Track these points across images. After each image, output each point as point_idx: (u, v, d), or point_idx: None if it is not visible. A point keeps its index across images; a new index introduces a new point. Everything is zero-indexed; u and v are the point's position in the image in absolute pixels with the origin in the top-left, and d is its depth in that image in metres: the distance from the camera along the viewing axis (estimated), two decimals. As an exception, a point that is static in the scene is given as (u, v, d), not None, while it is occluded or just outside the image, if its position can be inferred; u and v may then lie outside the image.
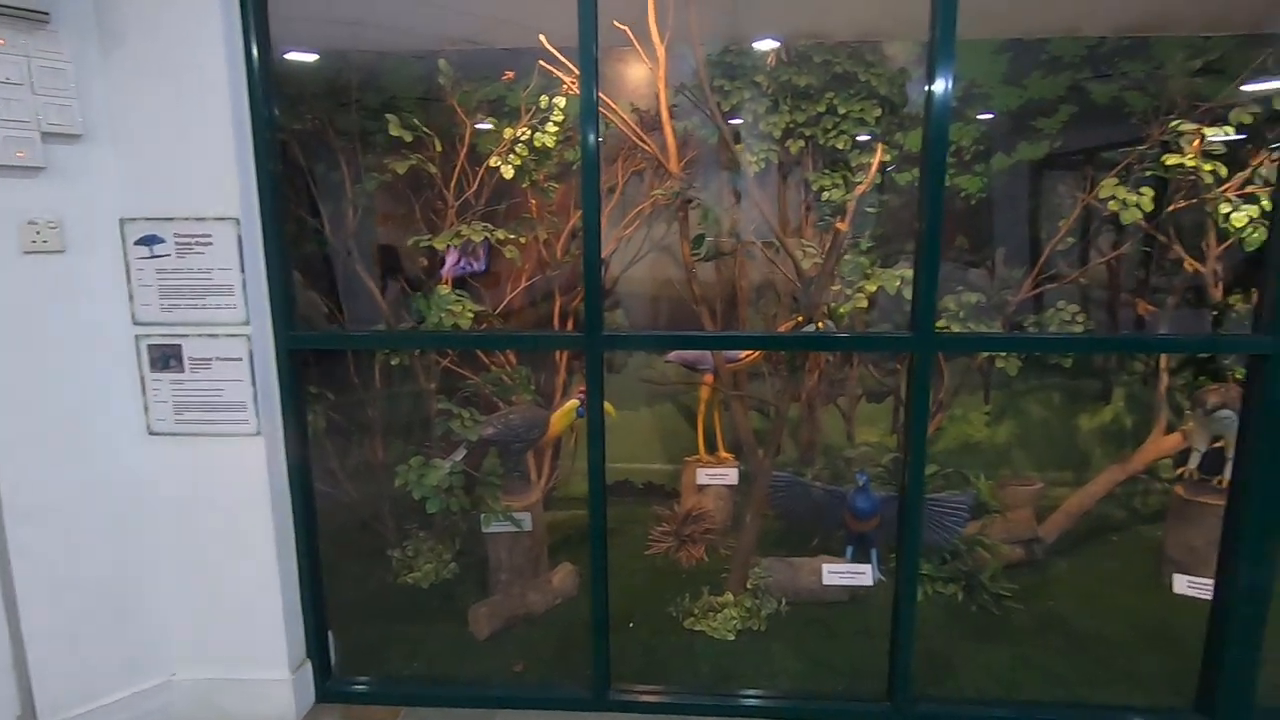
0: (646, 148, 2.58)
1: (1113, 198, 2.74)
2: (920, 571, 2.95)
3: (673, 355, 3.74)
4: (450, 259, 3.35)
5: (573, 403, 2.90)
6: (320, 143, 2.93)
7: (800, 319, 2.94)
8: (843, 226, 2.46)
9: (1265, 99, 2.79)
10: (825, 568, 2.87)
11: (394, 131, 2.51)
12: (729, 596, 2.69)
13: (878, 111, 3.43)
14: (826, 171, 3.58)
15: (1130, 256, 3.61)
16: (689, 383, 3.77)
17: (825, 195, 3.50)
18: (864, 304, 2.82)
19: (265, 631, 2.15)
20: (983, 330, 3.15)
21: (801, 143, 3.48)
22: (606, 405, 3.03)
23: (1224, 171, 2.59)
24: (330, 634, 2.36)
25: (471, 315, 2.54)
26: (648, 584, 3.02)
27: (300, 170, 2.92)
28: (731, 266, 3.70)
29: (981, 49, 3.58)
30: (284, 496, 2.14)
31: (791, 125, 3.48)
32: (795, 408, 3.94)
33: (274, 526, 2.09)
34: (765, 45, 3.43)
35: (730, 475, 3.33)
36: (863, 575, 2.81)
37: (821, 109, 3.46)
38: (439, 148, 2.67)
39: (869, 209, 3.59)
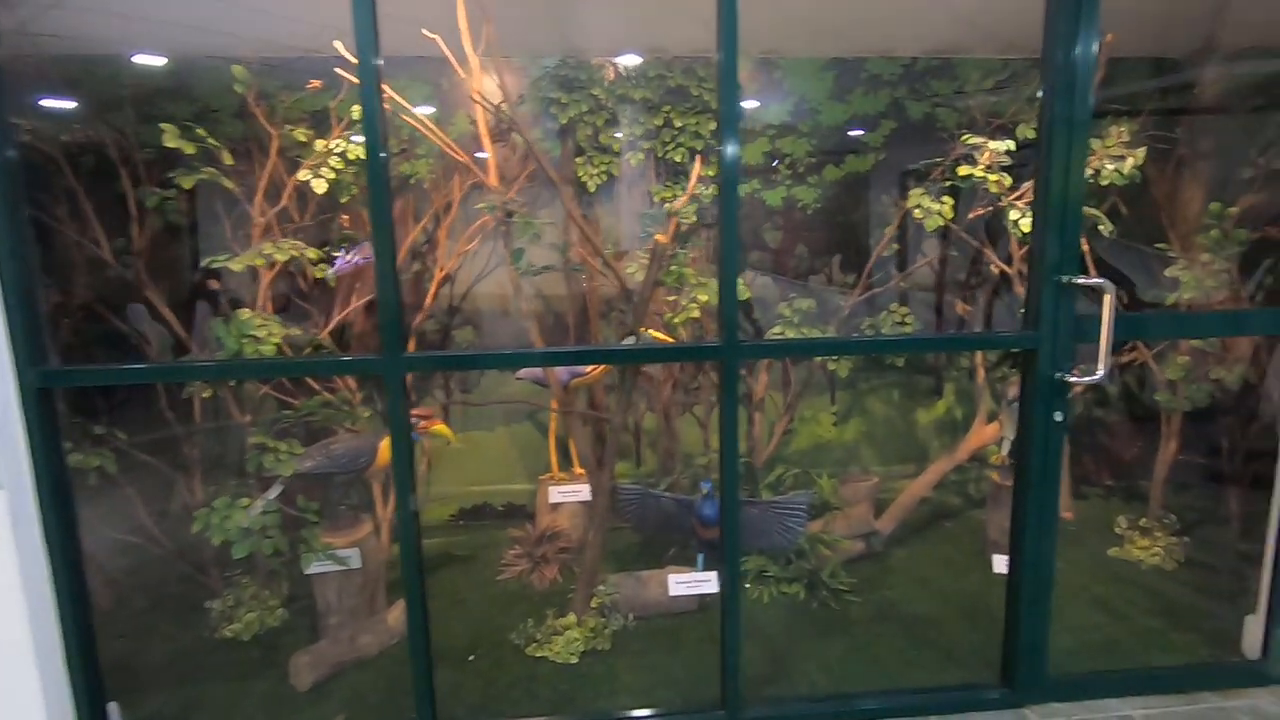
0: (461, 159, 2.50)
1: (919, 206, 2.92)
2: (766, 574, 3.02)
3: (523, 372, 3.65)
4: (342, 258, 3.15)
5: (404, 427, 2.75)
6: (100, 155, 2.65)
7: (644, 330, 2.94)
8: (663, 239, 2.48)
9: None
10: (670, 579, 2.87)
11: (170, 143, 2.29)
12: (572, 619, 2.63)
13: (712, 125, 3.51)
14: (668, 184, 3.64)
15: (952, 261, 3.88)
16: (521, 402, 3.68)
17: (667, 207, 3.54)
18: (696, 314, 2.85)
19: (21, 711, 1.88)
20: (815, 335, 3.28)
21: (641, 155, 3.51)
22: (441, 428, 2.92)
23: (1008, 181, 2.81)
24: (113, 706, 2.09)
25: (276, 341, 2.35)
26: (498, 611, 2.91)
27: (68, 187, 2.63)
28: (581, 281, 3.68)
29: (809, 67, 3.75)
30: (37, 556, 1.88)
31: (631, 138, 3.50)
32: (652, 418, 3.95)
33: (23, 592, 1.83)
34: (616, 59, 3.44)
35: (583, 492, 3.28)
36: (707, 583, 2.83)
37: (659, 123, 3.50)
38: (229, 160, 2.47)
39: (706, 224, 3.67)
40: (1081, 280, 2.01)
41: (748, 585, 3.04)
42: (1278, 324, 2.23)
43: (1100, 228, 2.93)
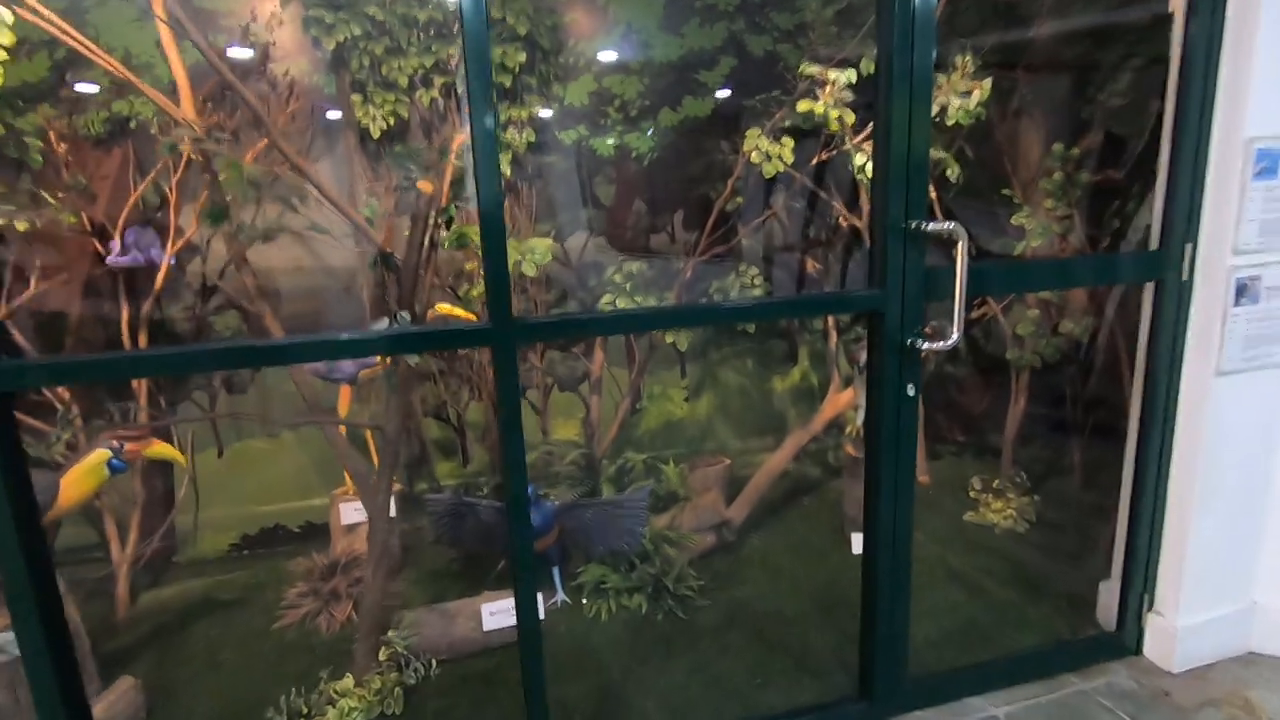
0: (144, 91, 1.77)
1: (755, 149, 2.52)
2: (604, 585, 2.58)
3: (307, 366, 2.97)
4: (118, 248, 2.53)
5: (100, 454, 2.03)
6: None
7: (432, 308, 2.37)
8: (426, 187, 1.90)
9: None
10: (484, 609, 2.37)
11: None
12: (349, 681, 2.06)
13: (522, 57, 2.94)
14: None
15: (798, 213, 3.57)
16: (303, 421, 3.02)
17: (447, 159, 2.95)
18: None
19: None
20: (651, 304, 2.84)
21: (434, 93, 2.88)
22: (162, 449, 2.22)
23: (851, 119, 2.46)
24: None
25: None
26: (266, 674, 2.29)
27: None
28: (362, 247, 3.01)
29: (636, -7, 3.25)
30: None
31: (422, 70, 2.86)
32: (478, 409, 3.40)
33: None
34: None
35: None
36: (532, 607, 2.36)
37: (454, 52, 2.88)
38: None
39: (528, 177, 3.12)
40: (931, 226, 1.67)
41: (584, 601, 2.60)
42: (1136, 270, 2.03)
43: (949, 172, 2.67)
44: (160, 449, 2.16)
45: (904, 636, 1.95)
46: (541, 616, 2.33)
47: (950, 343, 1.70)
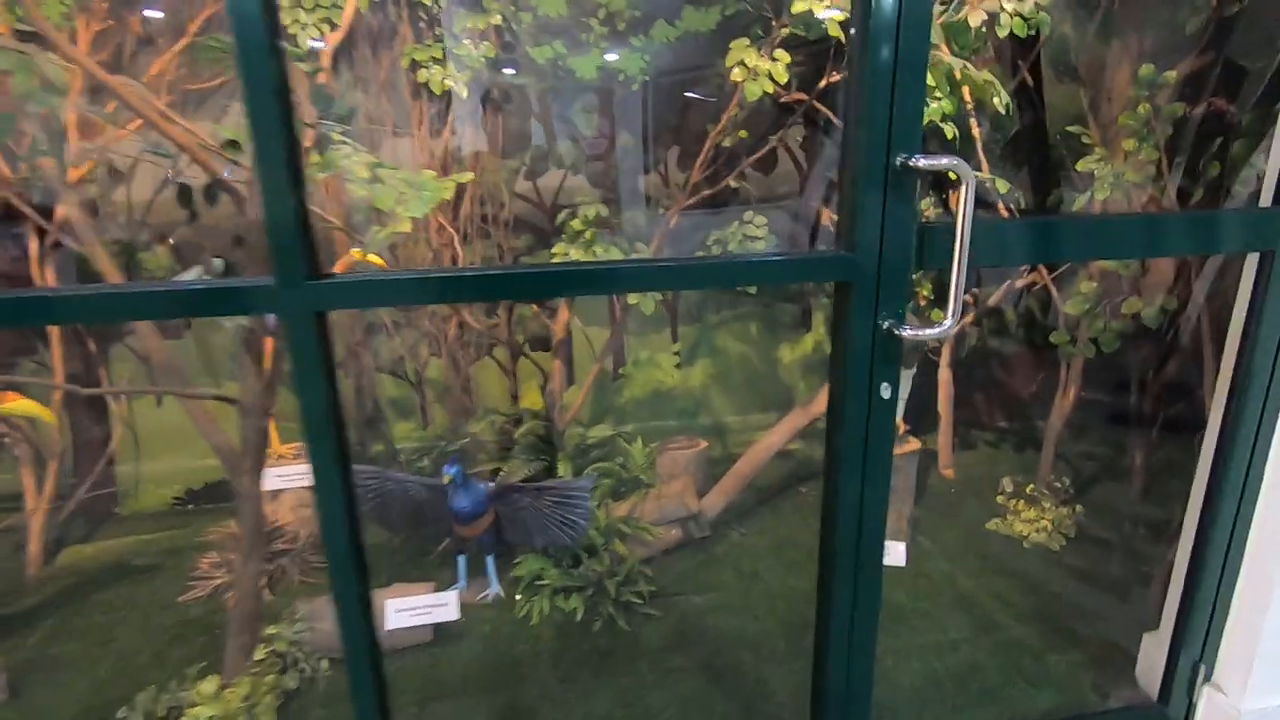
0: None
1: (741, 63, 2.00)
2: (541, 581, 2.24)
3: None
4: None
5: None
6: None
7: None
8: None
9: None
10: (389, 606, 2.06)
11: None
12: (212, 683, 1.79)
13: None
14: (430, 41, 2.58)
15: (820, 148, 3.01)
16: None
17: (422, 76, 2.52)
18: (406, 227, 1.91)
19: None
20: (616, 257, 2.40)
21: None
22: (23, 404, 1.95)
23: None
24: None
25: None
26: (155, 657, 2.06)
27: None
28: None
29: None
30: None
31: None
32: (437, 366, 3.06)
33: None
34: None
35: (305, 474, 2.42)
36: (444, 606, 2.05)
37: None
38: None
39: (490, 100, 2.67)
40: (924, 162, 1.16)
41: (518, 597, 2.27)
42: (1234, 235, 1.44)
43: (997, 101, 2.09)
44: (22, 405, 1.90)
45: (864, 699, 1.53)
46: (454, 617, 2.03)
47: (941, 330, 1.21)
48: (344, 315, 2.79)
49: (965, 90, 2.29)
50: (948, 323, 1.20)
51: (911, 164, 1.16)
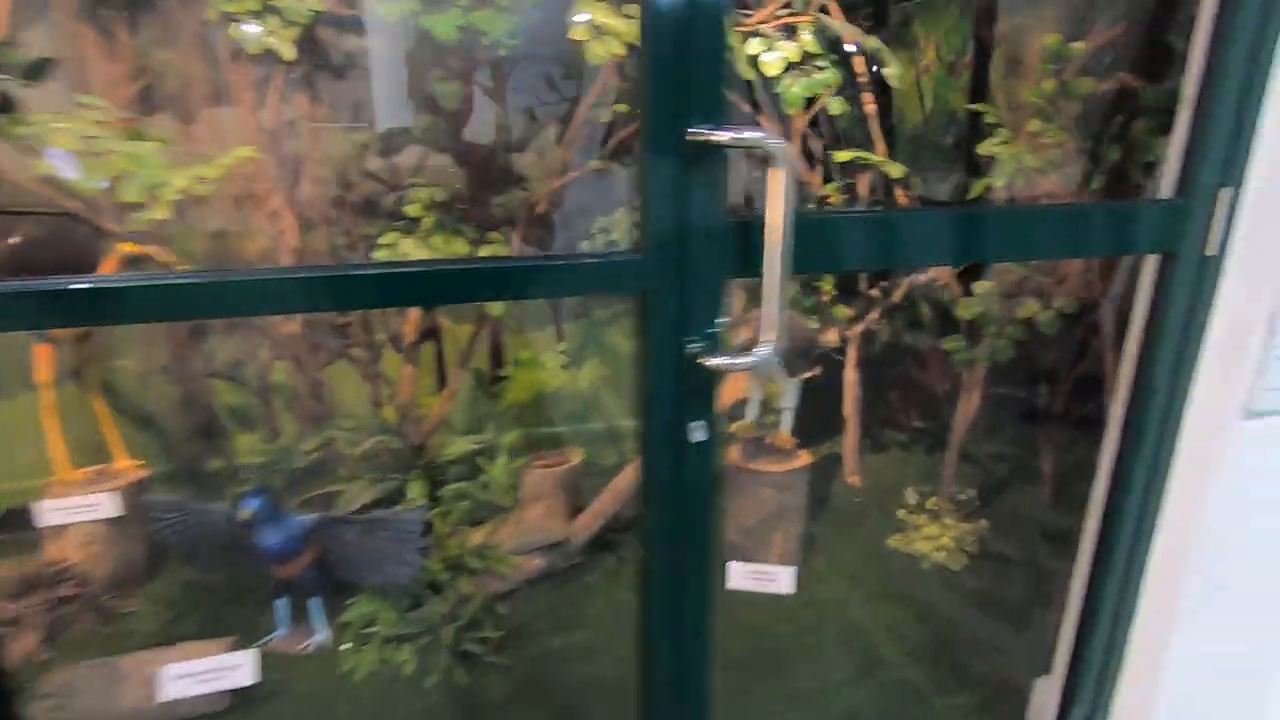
0: None
1: (587, 20, 1.68)
2: (370, 629, 1.93)
3: None
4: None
5: None
6: None
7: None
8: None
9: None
10: (170, 672, 1.72)
11: None
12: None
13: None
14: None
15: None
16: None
17: (234, 33, 2.12)
18: (163, 214, 1.54)
19: None
20: (459, 251, 2.07)
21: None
22: None
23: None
24: None
25: None
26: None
27: None
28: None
29: None
30: None
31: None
32: (281, 369, 2.68)
33: None
34: None
35: (102, 504, 2.06)
36: (237, 669, 1.72)
37: None
38: None
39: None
40: (726, 135, 0.87)
41: (344, 647, 1.95)
42: (1125, 233, 1.18)
43: (887, 71, 1.83)
44: None
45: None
46: (249, 681, 1.70)
47: (755, 359, 0.93)
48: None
49: (858, 62, 2.03)
50: (764, 349, 0.92)
51: (708, 138, 0.87)
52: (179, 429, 2.53)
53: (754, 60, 1.80)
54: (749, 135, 0.86)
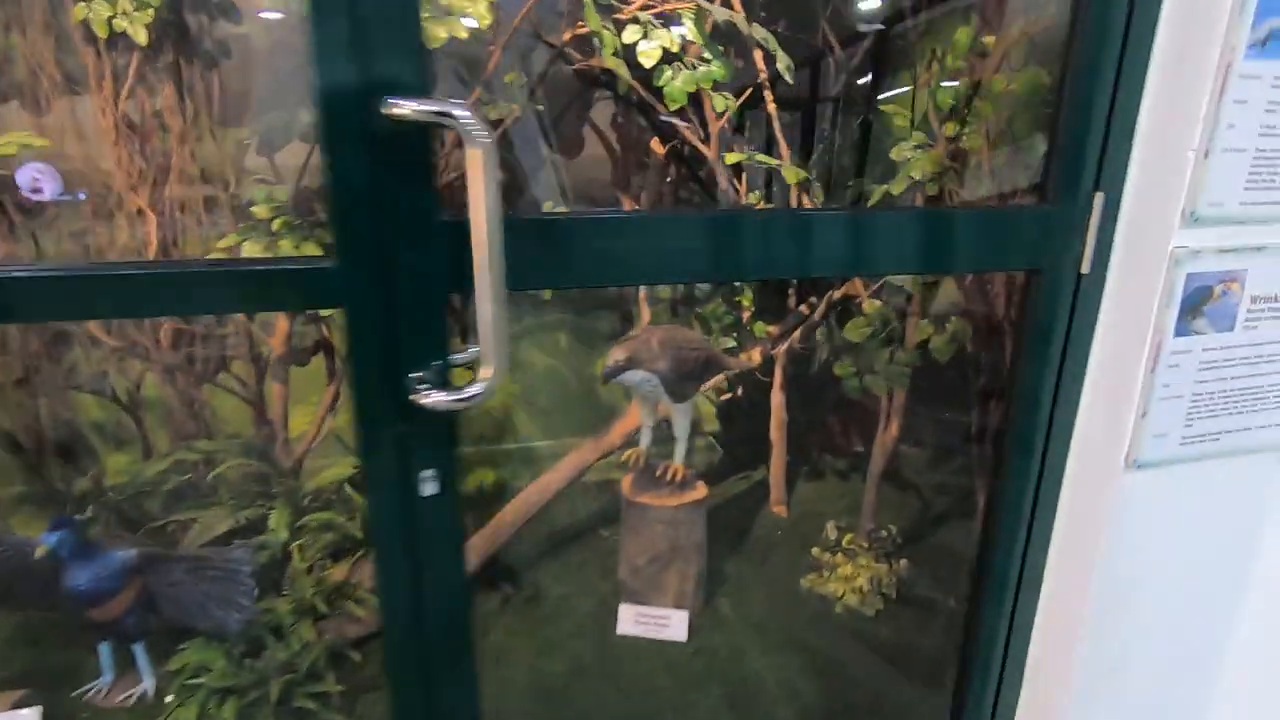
0: None
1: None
2: (196, 679, 1.71)
3: None
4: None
5: None
6: None
7: None
8: None
9: None
10: (-69, 734, 1.50)
11: None
12: None
13: None
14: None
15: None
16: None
17: (80, 13, 1.93)
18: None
19: None
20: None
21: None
22: None
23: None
24: None
25: None
26: None
27: None
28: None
29: None
30: None
31: None
32: (155, 382, 2.47)
33: None
34: None
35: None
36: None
37: None
38: None
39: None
40: (412, 106, 0.67)
41: (169, 699, 1.73)
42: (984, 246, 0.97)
43: (778, 65, 1.66)
44: None
45: None
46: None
47: (475, 395, 0.74)
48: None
49: (758, 55, 1.85)
50: (478, 386, 0.72)
51: (389, 110, 0.68)
52: (26, 446, 2.31)
53: (630, 49, 1.62)
54: (434, 106, 0.66)
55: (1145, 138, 0.90)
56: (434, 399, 0.75)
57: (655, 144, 2.33)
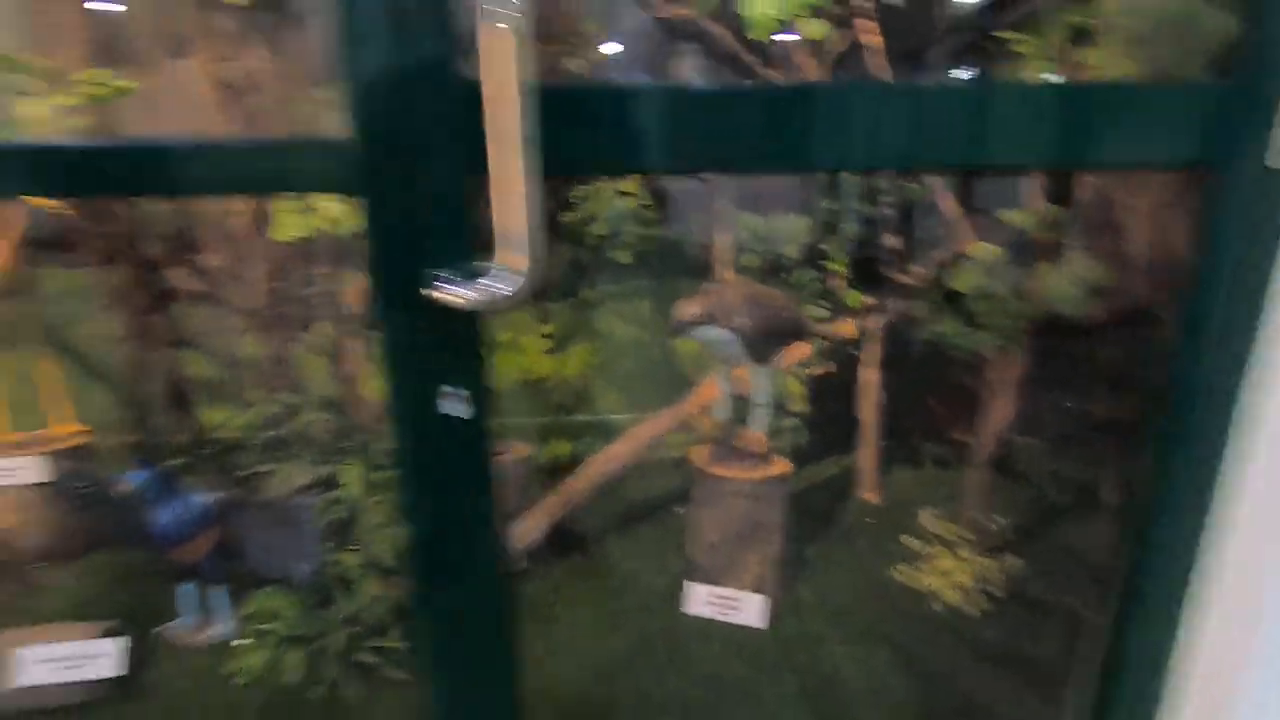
0: None
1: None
2: (265, 626, 1.73)
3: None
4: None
5: None
6: None
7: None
8: None
9: None
10: (26, 655, 1.58)
11: None
12: None
13: None
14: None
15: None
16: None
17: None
18: None
19: None
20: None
21: None
22: None
23: None
24: None
25: None
26: None
27: None
28: None
29: None
30: None
31: None
32: (250, 343, 2.56)
33: None
34: None
35: (25, 468, 1.99)
36: (102, 659, 1.56)
37: None
38: None
39: None
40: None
41: (237, 643, 1.76)
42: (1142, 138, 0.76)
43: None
44: None
45: None
46: (114, 672, 1.54)
47: (499, 290, 0.63)
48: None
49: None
50: (495, 278, 0.62)
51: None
52: (137, 397, 2.45)
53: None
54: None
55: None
56: (452, 292, 0.65)
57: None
